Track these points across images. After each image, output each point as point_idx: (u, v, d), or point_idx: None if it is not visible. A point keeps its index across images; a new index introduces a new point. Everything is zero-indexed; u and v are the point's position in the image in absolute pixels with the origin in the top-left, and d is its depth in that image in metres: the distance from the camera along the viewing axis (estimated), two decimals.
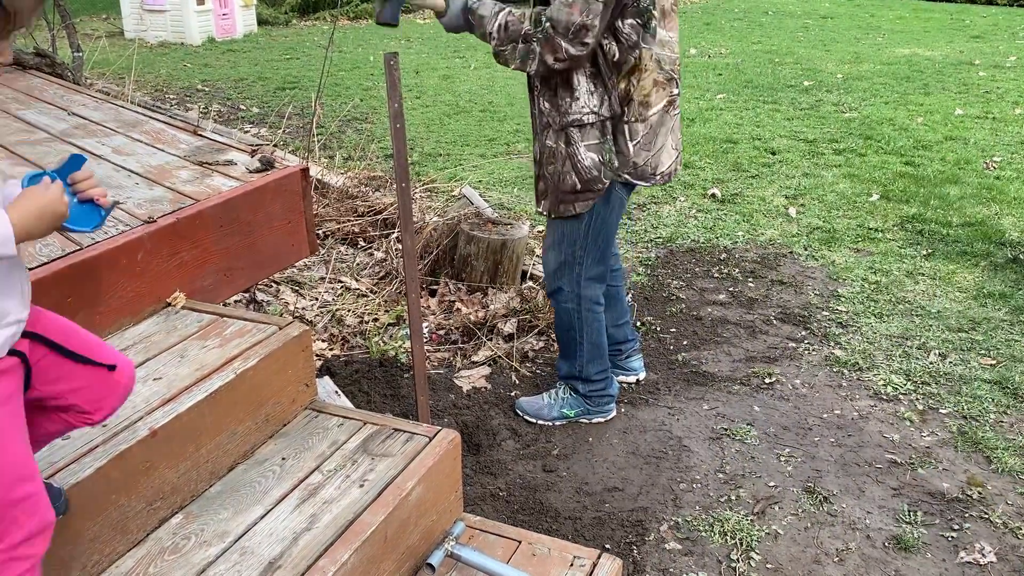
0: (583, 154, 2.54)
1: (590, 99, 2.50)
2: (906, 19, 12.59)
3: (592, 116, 2.51)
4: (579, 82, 2.49)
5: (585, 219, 2.64)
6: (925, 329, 3.55)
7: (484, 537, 2.02)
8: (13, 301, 1.30)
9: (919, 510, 2.51)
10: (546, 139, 2.62)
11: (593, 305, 2.79)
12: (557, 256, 2.74)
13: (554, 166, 2.61)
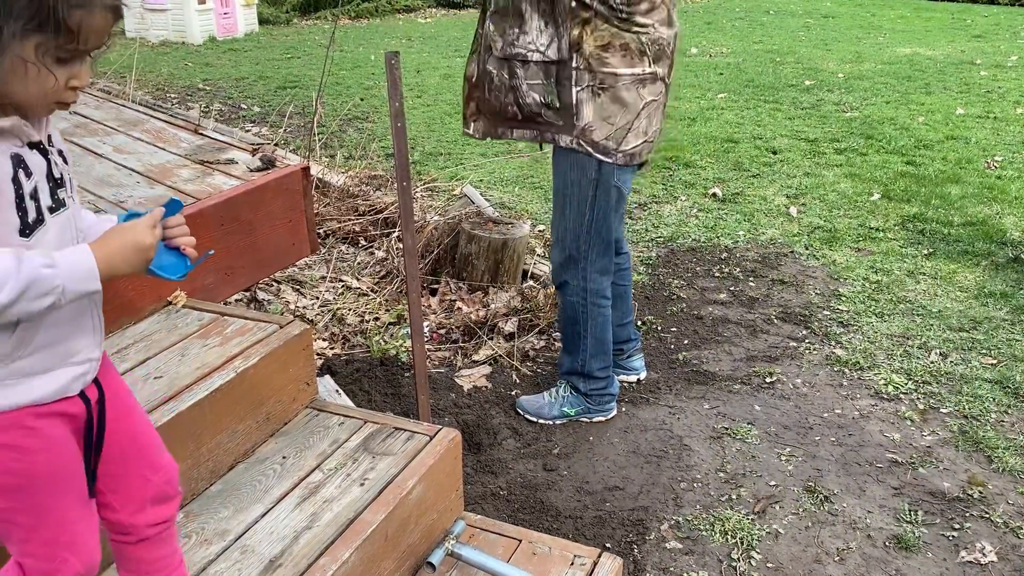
0: (525, 90, 2.51)
1: (538, 36, 2.45)
2: (907, 18, 12.59)
3: (537, 55, 2.47)
4: (531, 16, 2.45)
5: (587, 213, 2.64)
6: (926, 328, 3.55)
7: (485, 536, 2.03)
8: (86, 339, 1.26)
9: (920, 509, 2.51)
10: (486, 63, 2.58)
11: (599, 299, 2.79)
12: (562, 251, 2.75)
13: (493, 93, 2.57)
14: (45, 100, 1.12)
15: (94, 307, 1.27)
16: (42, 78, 1.08)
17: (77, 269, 1.12)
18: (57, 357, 1.21)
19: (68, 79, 1.11)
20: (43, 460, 1.22)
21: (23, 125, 1.13)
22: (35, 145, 1.16)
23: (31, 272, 1.06)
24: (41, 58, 1.07)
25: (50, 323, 1.18)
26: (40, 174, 1.15)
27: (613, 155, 2.56)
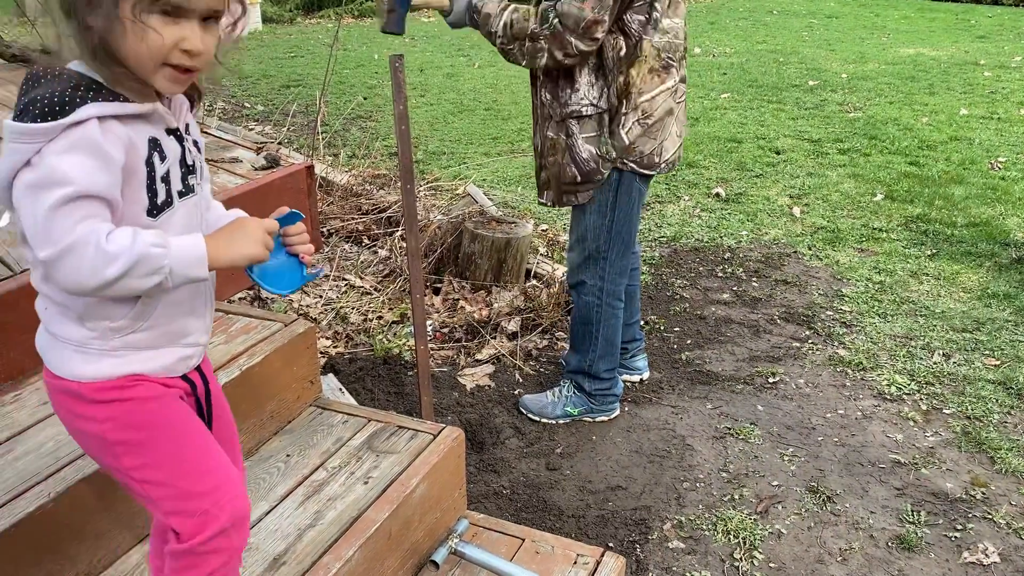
0: (581, 146, 2.55)
1: (590, 91, 2.50)
2: (911, 19, 12.57)
3: (591, 108, 2.51)
4: (581, 74, 2.49)
5: (608, 213, 2.64)
6: (929, 329, 3.54)
7: (488, 535, 2.03)
8: (197, 323, 1.29)
9: (922, 510, 2.51)
10: (547, 130, 2.62)
11: (615, 301, 2.79)
12: (582, 252, 2.75)
13: (554, 157, 2.62)
14: (153, 62, 1.08)
15: (208, 293, 1.30)
16: (147, 36, 1.06)
17: (187, 254, 1.13)
18: (169, 336, 1.24)
19: (177, 39, 1.08)
20: (160, 407, 1.24)
21: (163, 112, 1.15)
22: (172, 131, 1.18)
23: (142, 249, 1.07)
24: (139, 13, 1.05)
25: (167, 302, 1.22)
26: (174, 159, 1.18)
27: (658, 167, 2.60)
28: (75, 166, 1.03)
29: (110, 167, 1.07)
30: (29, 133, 1.03)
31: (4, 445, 1.69)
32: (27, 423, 1.76)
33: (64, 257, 1.04)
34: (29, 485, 1.56)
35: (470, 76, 8.80)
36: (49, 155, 1.03)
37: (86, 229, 1.04)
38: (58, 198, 1.03)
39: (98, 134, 1.05)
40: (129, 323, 1.19)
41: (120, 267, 1.06)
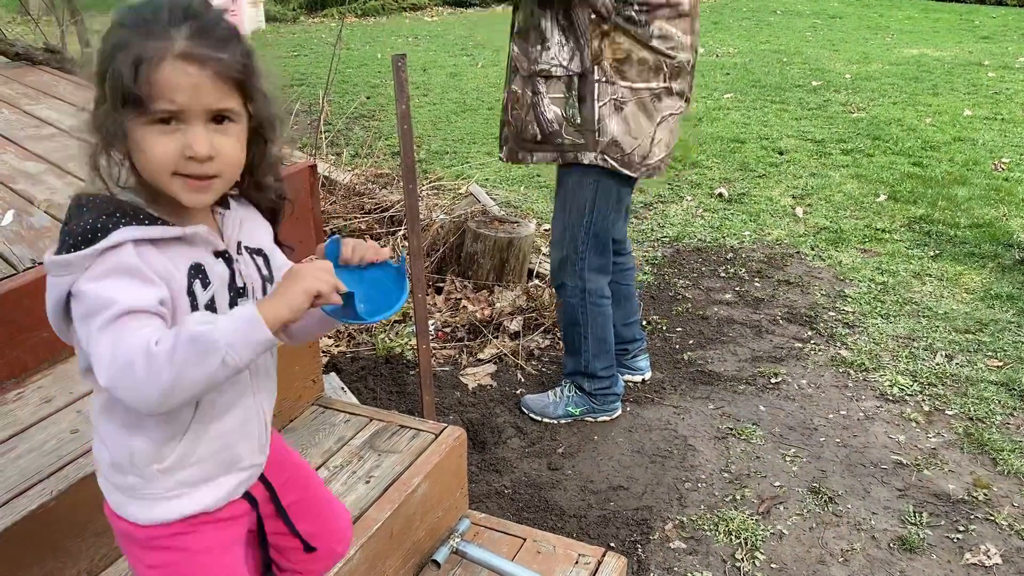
0: (546, 105, 2.52)
1: (560, 51, 2.47)
2: (915, 19, 12.55)
3: (560, 69, 2.48)
4: (552, 32, 2.47)
5: (585, 215, 2.64)
6: (932, 330, 3.54)
7: (489, 534, 2.03)
8: (250, 445, 1.22)
9: (924, 511, 2.50)
10: (512, 83, 2.61)
11: (598, 299, 2.79)
12: (559, 252, 2.75)
13: (517, 112, 2.59)
14: (163, 173, 1.02)
15: (260, 413, 1.23)
16: (148, 149, 1.01)
17: (236, 319, 1.02)
18: (222, 465, 1.19)
19: (181, 146, 1.01)
20: (210, 562, 1.20)
21: (206, 234, 1.08)
22: (220, 253, 1.11)
23: (188, 332, 0.99)
24: (138, 131, 1.00)
25: (214, 434, 1.16)
26: (220, 284, 1.10)
27: (637, 169, 2.58)
28: (115, 287, 0.99)
29: (154, 285, 1.02)
30: (64, 264, 1.00)
31: (6, 443, 1.69)
32: (29, 421, 1.77)
33: (121, 375, 0.98)
34: (31, 483, 1.57)
35: (473, 75, 8.79)
36: (87, 283, 0.99)
37: (136, 341, 0.98)
38: (104, 320, 0.98)
39: (134, 257, 1.00)
40: (177, 461, 1.14)
41: (173, 364, 0.98)
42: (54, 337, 1.95)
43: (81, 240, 1.00)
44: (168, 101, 0.99)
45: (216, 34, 1.03)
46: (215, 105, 1.03)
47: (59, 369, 1.97)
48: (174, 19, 1.01)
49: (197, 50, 1.00)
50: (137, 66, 0.98)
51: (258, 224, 1.22)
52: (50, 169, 2.70)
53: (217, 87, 1.02)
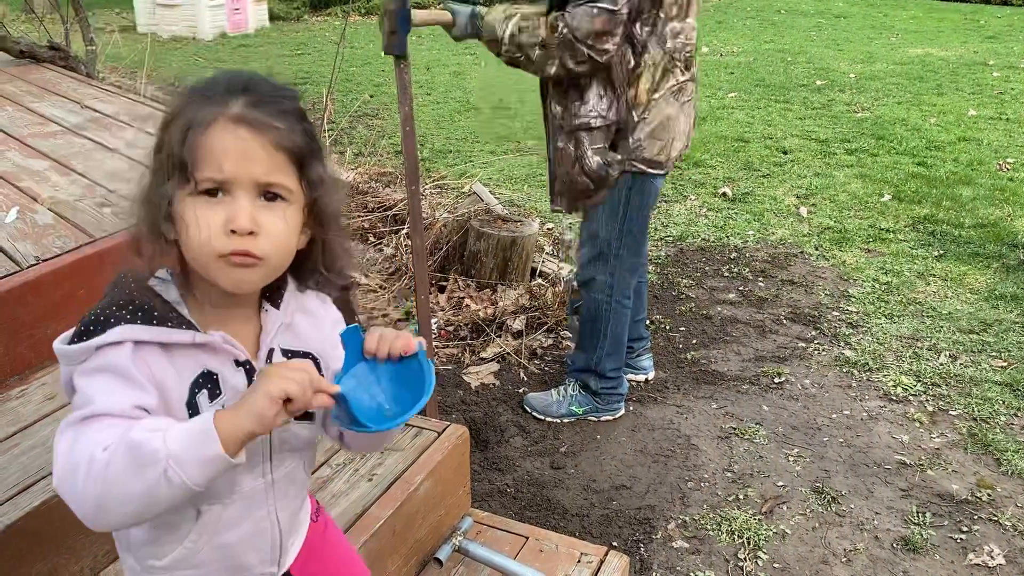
0: (590, 157, 2.56)
1: (599, 103, 2.50)
2: (920, 19, 12.53)
3: (599, 120, 2.51)
4: (590, 86, 2.49)
5: (620, 211, 2.64)
6: (936, 330, 3.53)
7: (492, 532, 2.03)
8: (258, 556, 1.11)
9: (928, 511, 2.50)
10: (558, 141, 2.63)
11: (623, 299, 2.79)
12: (593, 248, 2.75)
13: (564, 168, 2.62)
14: (208, 256, 0.93)
15: (276, 524, 1.11)
16: (192, 223, 0.92)
17: (190, 430, 0.89)
18: (227, 571, 1.09)
19: (224, 220, 0.92)
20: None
21: (224, 342, 0.98)
22: (242, 363, 1.00)
23: (130, 437, 0.87)
24: (183, 204, 0.92)
25: (218, 544, 1.05)
26: (234, 396, 0.98)
27: (665, 166, 2.60)
28: (98, 388, 0.91)
29: (140, 389, 0.93)
30: (64, 355, 0.94)
31: (10, 440, 1.69)
32: (32, 418, 1.77)
33: (64, 480, 0.89)
34: (34, 480, 1.57)
35: (477, 75, 8.79)
36: (78, 378, 0.93)
37: (87, 445, 0.88)
38: (72, 419, 0.91)
39: (128, 361, 0.92)
40: (174, 563, 1.05)
41: (106, 474, 0.86)
42: (58, 333, 1.96)
43: (84, 332, 0.93)
44: (215, 168, 0.92)
45: (277, 104, 0.96)
46: (264, 178, 0.94)
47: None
48: (232, 87, 0.95)
49: (251, 115, 0.93)
50: (187, 131, 0.92)
51: (316, 321, 1.10)
52: (54, 166, 2.70)
53: (269, 157, 0.93)
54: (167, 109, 0.97)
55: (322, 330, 1.10)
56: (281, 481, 1.09)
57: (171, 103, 0.97)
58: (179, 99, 0.97)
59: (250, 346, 1.03)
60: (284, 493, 1.11)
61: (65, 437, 0.91)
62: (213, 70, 1.09)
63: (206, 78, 0.98)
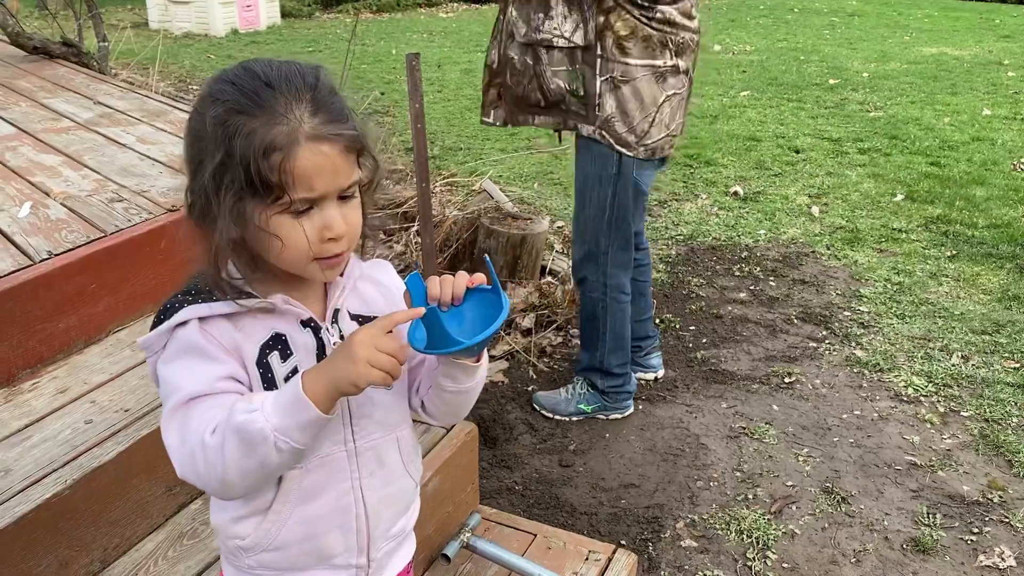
0: (549, 76, 2.50)
1: (563, 22, 2.45)
2: (934, 18, 12.45)
3: (562, 40, 2.46)
4: (556, 1, 2.44)
5: (607, 210, 2.63)
6: (948, 331, 3.51)
7: (500, 530, 2.03)
8: (343, 538, 1.10)
9: (938, 512, 2.49)
10: (507, 48, 2.57)
11: (619, 294, 2.78)
12: (581, 246, 2.74)
13: (516, 78, 2.56)
14: (303, 264, 0.97)
15: (362, 505, 1.11)
16: (289, 240, 0.95)
17: (281, 403, 0.93)
18: (310, 556, 1.09)
19: (319, 230, 0.95)
20: None
21: (284, 303, 1.01)
22: (307, 322, 1.04)
23: (233, 422, 0.93)
24: (268, 223, 0.93)
25: (301, 518, 1.07)
26: (305, 354, 1.03)
27: (634, 148, 2.54)
28: (181, 371, 0.97)
29: (219, 362, 0.98)
30: (144, 346, 1.01)
31: (21, 432, 1.70)
32: (44, 411, 1.78)
33: (186, 466, 0.96)
34: (46, 472, 1.58)
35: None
36: (162, 366, 0.99)
37: (194, 431, 0.95)
38: (170, 408, 0.97)
39: (198, 334, 0.97)
40: (257, 542, 1.07)
41: (224, 457, 0.93)
42: (69, 328, 1.98)
43: (156, 322, 1.00)
44: (307, 188, 0.93)
45: (334, 104, 0.97)
46: (346, 183, 0.97)
47: (74, 360, 1.98)
48: (293, 93, 0.94)
49: (326, 129, 0.93)
50: (268, 154, 0.91)
51: (385, 291, 1.14)
52: (66, 161, 2.72)
53: (346, 163, 0.96)
54: (209, 117, 0.94)
55: (392, 299, 1.13)
56: (366, 454, 1.10)
57: (214, 111, 0.94)
58: (230, 110, 0.93)
59: (317, 308, 1.06)
60: (370, 471, 1.11)
61: (171, 430, 0.97)
62: (237, 60, 1.07)
63: (249, 75, 0.95)
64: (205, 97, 0.96)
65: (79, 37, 4.94)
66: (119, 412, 1.76)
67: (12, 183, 2.52)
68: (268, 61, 0.98)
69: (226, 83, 0.95)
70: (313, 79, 0.97)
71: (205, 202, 0.95)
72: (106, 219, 2.23)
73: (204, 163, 0.94)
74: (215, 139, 0.92)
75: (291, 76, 0.95)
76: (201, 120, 0.95)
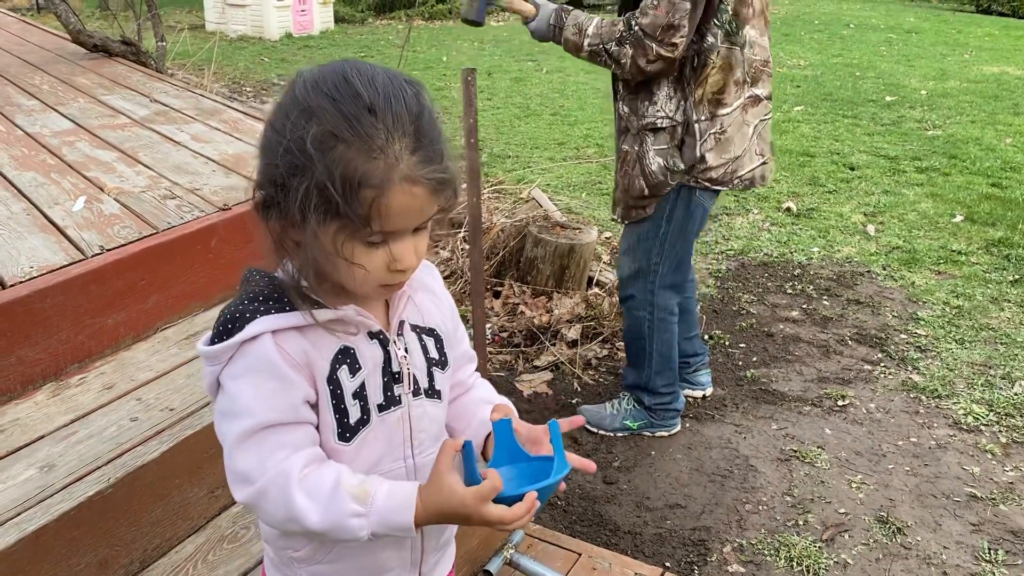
0: (651, 158, 2.50)
1: (667, 103, 2.45)
2: (995, 36, 12.15)
3: (666, 121, 2.46)
4: (660, 87, 2.44)
5: (663, 225, 2.57)
6: (1010, 358, 3.38)
7: (544, 547, 1.98)
8: (398, 555, 1.10)
9: (1000, 548, 2.37)
10: (622, 143, 2.58)
11: (666, 315, 2.71)
12: (631, 263, 2.68)
13: (625, 170, 2.57)
14: (367, 288, 0.96)
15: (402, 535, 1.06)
16: (354, 270, 0.93)
17: (390, 520, 0.96)
18: (364, 570, 1.09)
19: (388, 262, 0.93)
20: None
21: (357, 315, 0.99)
22: (376, 335, 1.02)
23: (336, 519, 0.94)
24: (341, 247, 0.91)
25: None
26: (373, 367, 1.01)
27: (730, 184, 2.52)
28: (252, 393, 0.94)
29: (294, 385, 0.96)
30: (208, 356, 0.96)
31: (67, 428, 1.69)
32: (91, 407, 1.77)
33: (258, 501, 0.96)
34: (89, 469, 1.56)
35: (537, 81, 8.77)
36: (228, 379, 0.96)
37: (275, 470, 0.94)
38: (240, 432, 0.95)
39: (273, 352, 0.94)
40: (311, 555, 1.07)
41: (303, 521, 0.94)
42: (118, 323, 1.97)
43: (223, 330, 0.96)
44: (387, 223, 0.90)
45: (433, 138, 0.92)
46: (426, 219, 0.94)
47: (122, 356, 1.97)
48: (396, 126, 0.89)
49: (421, 170, 0.90)
50: (361, 188, 0.88)
51: (437, 300, 1.13)
52: (121, 157, 2.73)
53: (433, 202, 0.93)
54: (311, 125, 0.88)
55: (443, 309, 1.13)
56: (424, 469, 1.07)
57: (311, 125, 0.89)
58: (328, 133, 0.88)
59: (381, 319, 1.04)
60: None
61: (244, 454, 0.95)
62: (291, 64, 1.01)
63: (350, 93, 0.89)
64: (302, 106, 0.90)
65: (138, 36, 5.01)
66: (164, 411, 1.75)
67: (68, 177, 2.54)
68: (370, 74, 0.91)
69: (325, 97, 0.89)
70: (416, 106, 0.91)
71: (286, 210, 0.91)
72: (158, 216, 2.23)
73: (294, 176, 0.89)
74: (312, 158, 0.88)
75: (394, 100, 0.90)
76: (295, 131, 0.89)
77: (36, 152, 2.79)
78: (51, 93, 3.68)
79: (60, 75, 4.09)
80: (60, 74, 4.12)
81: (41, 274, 1.87)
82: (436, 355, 1.09)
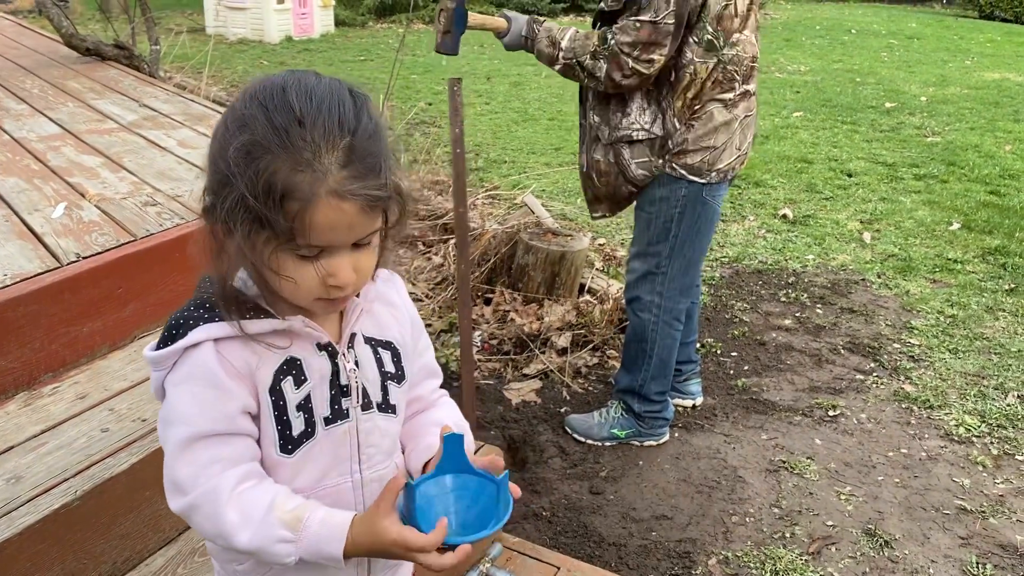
0: (634, 169, 2.50)
1: (640, 116, 2.43)
2: (997, 43, 12.13)
3: (642, 133, 2.44)
4: (632, 98, 2.43)
5: (673, 228, 2.55)
6: (1004, 369, 3.35)
7: (522, 560, 1.95)
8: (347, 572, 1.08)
9: (988, 562, 2.35)
10: (594, 152, 2.57)
11: (673, 320, 2.69)
12: (643, 264, 2.66)
13: (605, 179, 2.56)
14: (302, 300, 0.95)
15: None
16: (287, 282, 0.92)
17: (320, 549, 0.95)
18: None
19: (323, 277, 0.92)
20: None
21: (304, 326, 0.98)
22: (324, 347, 1.01)
23: (263, 543, 0.94)
24: (268, 259, 0.90)
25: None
26: (320, 379, 1.00)
27: (707, 175, 2.49)
28: (190, 401, 0.94)
29: (231, 395, 0.95)
30: (153, 361, 0.96)
31: (37, 438, 1.67)
32: (62, 417, 1.75)
33: (189, 513, 0.95)
34: (56, 481, 1.54)
35: (536, 85, 8.75)
36: (169, 385, 0.96)
37: (207, 485, 0.94)
38: (178, 440, 0.94)
39: (213, 360, 0.94)
40: (253, 567, 1.06)
41: (234, 538, 0.94)
42: (94, 332, 1.94)
43: (168, 336, 0.95)
44: (318, 239, 0.89)
45: (369, 153, 0.89)
46: (362, 235, 0.92)
47: (97, 365, 1.95)
48: (326, 139, 0.87)
49: (350, 184, 0.88)
50: (285, 200, 0.86)
51: (396, 312, 1.10)
52: (105, 163, 2.71)
53: (367, 219, 0.91)
54: (241, 134, 0.88)
55: (402, 323, 1.11)
56: (371, 484, 1.07)
57: (244, 128, 0.88)
58: (258, 132, 0.87)
59: (332, 332, 1.02)
60: (373, 498, 1.07)
61: (181, 465, 0.95)
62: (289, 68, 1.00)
63: (283, 106, 0.88)
64: (237, 116, 0.90)
65: (132, 40, 5.01)
66: (136, 421, 1.73)
67: (51, 183, 2.52)
68: (311, 87, 0.90)
69: (260, 108, 0.88)
70: (354, 120, 0.89)
71: (220, 218, 0.90)
72: (138, 223, 2.21)
73: (224, 186, 0.88)
74: (237, 168, 0.87)
75: (329, 114, 0.88)
76: (227, 140, 0.88)
77: (20, 157, 2.77)
78: (41, 97, 3.67)
79: (51, 79, 4.08)
80: (51, 78, 4.11)
81: (15, 282, 1.85)
82: (392, 368, 1.07)
